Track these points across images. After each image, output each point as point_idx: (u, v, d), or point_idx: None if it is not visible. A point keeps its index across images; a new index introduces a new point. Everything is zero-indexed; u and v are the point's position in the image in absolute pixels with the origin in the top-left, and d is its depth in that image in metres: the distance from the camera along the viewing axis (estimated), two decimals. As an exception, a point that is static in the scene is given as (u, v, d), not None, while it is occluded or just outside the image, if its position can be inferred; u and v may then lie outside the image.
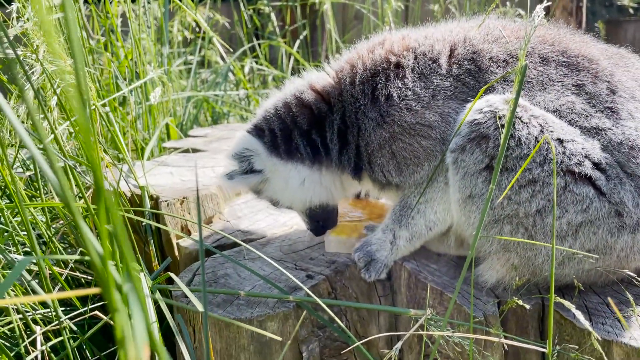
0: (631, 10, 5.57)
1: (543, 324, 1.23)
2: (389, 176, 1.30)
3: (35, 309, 1.30)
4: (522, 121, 1.12)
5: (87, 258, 0.89)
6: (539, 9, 0.95)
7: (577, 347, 1.11)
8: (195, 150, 2.24)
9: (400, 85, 1.25)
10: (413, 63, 1.27)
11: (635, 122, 1.16)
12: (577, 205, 1.12)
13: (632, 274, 1.13)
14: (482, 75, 1.23)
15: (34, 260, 1.04)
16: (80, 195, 1.42)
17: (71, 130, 1.78)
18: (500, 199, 1.13)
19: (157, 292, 1.12)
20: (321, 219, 1.44)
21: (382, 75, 1.28)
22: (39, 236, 1.61)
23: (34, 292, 1.22)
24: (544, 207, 1.13)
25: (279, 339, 1.01)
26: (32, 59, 1.34)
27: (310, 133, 1.34)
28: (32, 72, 1.20)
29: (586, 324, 0.97)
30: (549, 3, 0.97)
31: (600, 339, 1.02)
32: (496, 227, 1.18)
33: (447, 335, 1.08)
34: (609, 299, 1.12)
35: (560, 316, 1.16)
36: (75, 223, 0.41)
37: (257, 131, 1.38)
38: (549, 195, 1.12)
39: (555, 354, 1.10)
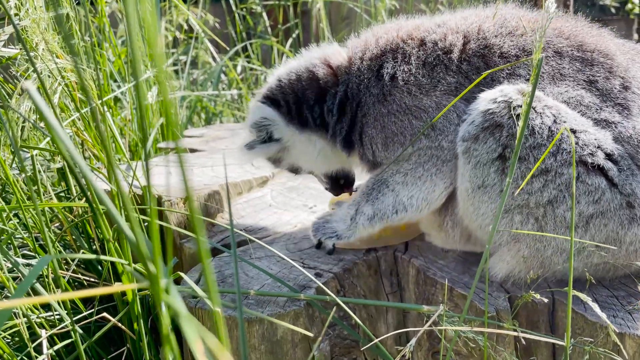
0: (613, 10, 5.65)
1: (553, 317, 1.22)
2: (376, 149, 1.33)
3: (39, 312, 1.27)
4: (535, 111, 1.12)
5: (102, 258, 0.86)
6: (551, 1, 0.95)
7: (591, 339, 1.11)
8: (192, 150, 2.22)
9: (406, 69, 1.28)
10: (421, 51, 1.29)
11: None
12: (589, 196, 1.12)
13: (642, 266, 1.14)
14: (488, 70, 1.23)
15: (51, 260, 1.01)
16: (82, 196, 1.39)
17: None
18: (517, 191, 1.13)
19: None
20: (342, 178, 1.55)
21: (390, 56, 1.32)
22: (36, 238, 1.58)
23: (38, 294, 1.20)
24: (555, 197, 1.13)
25: (310, 334, 0.99)
26: (30, 57, 1.31)
27: (314, 107, 1.39)
28: (34, 70, 1.17)
29: (603, 316, 0.97)
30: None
31: (616, 331, 1.02)
32: (507, 217, 1.17)
33: (462, 331, 1.07)
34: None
35: (572, 310, 1.16)
36: (133, 229, 0.40)
37: (272, 101, 1.42)
38: (561, 185, 1.12)
39: (570, 348, 1.10)
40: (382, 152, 1.33)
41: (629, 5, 6.07)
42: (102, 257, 0.89)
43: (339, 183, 1.56)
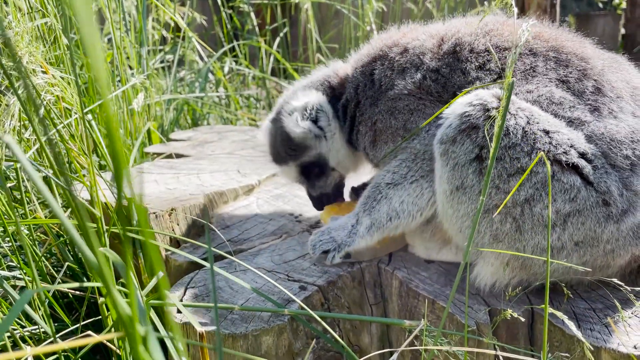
0: (600, 5, 5.70)
1: (533, 330, 1.25)
2: (367, 147, 1.45)
3: (23, 327, 1.28)
4: (509, 112, 1.16)
5: (85, 284, 0.87)
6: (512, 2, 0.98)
7: (567, 354, 1.13)
8: (179, 156, 2.21)
9: (388, 74, 1.40)
10: (403, 57, 1.40)
11: (617, 120, 1.19)
12: (565, 195, 1.14)
13: (618, 282, 1.16)
14: (458, 64, 1.30)
15: (36, 290, 1.02)
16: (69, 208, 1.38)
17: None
18: (499, 208, 1.15)
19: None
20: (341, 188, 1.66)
21: (378, 62, 1.44)
22: (20, 247, 1.58)
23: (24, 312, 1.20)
24: (532, 195, 1.15)
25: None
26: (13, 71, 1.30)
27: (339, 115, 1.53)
28: (19, 86, 1.17)
29: (578, 334, 0.99)
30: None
31: (592, 348, 1.05)
32: (487, 216, 1.19)
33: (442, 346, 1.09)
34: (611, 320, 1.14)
35: (550, 323, 1.19)
36: (108, 289, 0.41)
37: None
38: (537, 183, 1.14)
39: (547, 362, 1.12)
40: (371, 151, 1.43)
41: (616, 0, 6.12)
42: (85, 283, 0.90)
43: (340, 191, 1.65)
